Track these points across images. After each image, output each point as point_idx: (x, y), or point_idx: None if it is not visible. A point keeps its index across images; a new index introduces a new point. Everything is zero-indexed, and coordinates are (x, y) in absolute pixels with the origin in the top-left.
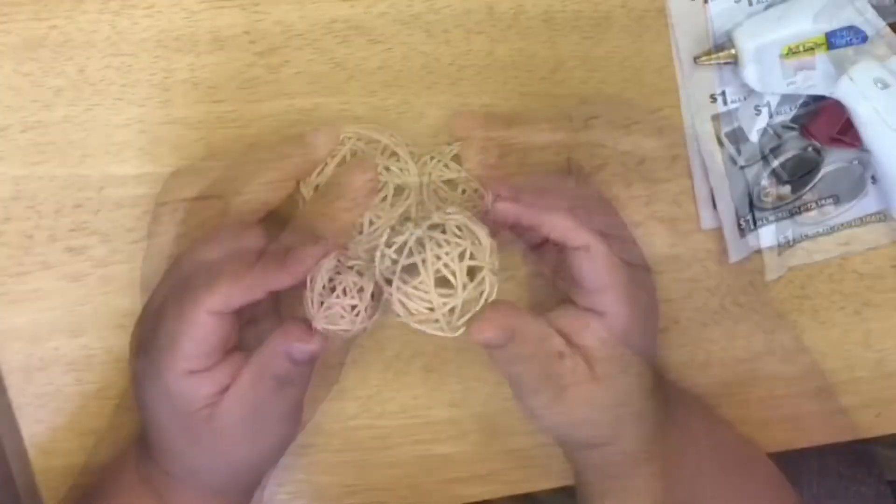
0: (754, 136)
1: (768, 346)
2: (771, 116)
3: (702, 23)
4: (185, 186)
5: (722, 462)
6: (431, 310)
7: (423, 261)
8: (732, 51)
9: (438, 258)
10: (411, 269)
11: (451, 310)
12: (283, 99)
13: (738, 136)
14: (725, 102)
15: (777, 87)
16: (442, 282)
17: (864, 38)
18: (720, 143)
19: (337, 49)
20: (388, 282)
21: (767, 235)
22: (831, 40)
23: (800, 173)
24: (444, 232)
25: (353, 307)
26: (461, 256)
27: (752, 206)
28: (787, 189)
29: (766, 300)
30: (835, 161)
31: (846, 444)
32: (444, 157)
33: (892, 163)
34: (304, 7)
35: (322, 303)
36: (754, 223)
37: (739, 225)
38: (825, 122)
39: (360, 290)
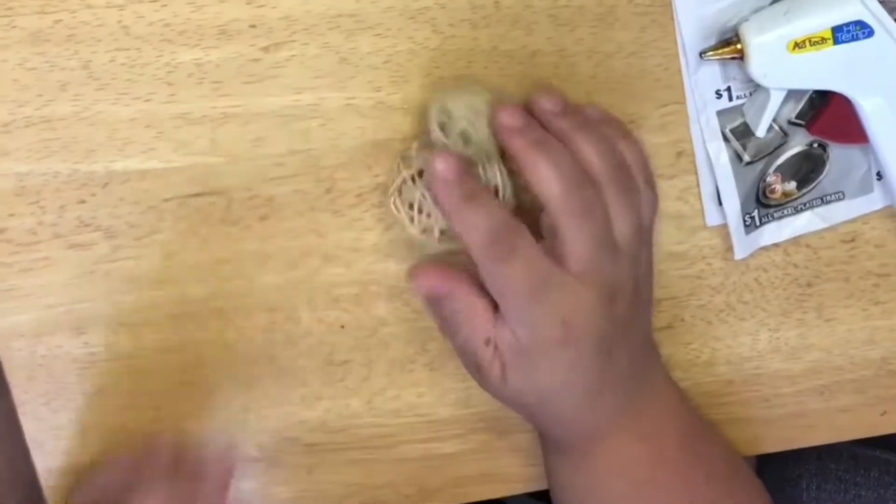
0: (761, 132)
1: (773, 344)
2: (777, 112)
3: (708, 17)
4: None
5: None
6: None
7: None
8: (738, 45)
9: None
10: None
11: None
12: (288, 94)
13: (743, 132)
14: (731, 98)
15: (783, 83)
16: None
17: (871, 33)
18: (725, 139)
19: (343, 44)
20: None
21: (773, 232)
22: (837, 35)
23: (806, 170)
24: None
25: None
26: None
27: (758, 202)
28: (792, 185)
29: (771, 297)
30: (841, 157)
31: (845, 447)
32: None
33: None
34: (310, 1)
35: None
36: (760, 220)
37: (745, 222)
38: (831, 117)
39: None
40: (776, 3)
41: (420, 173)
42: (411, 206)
